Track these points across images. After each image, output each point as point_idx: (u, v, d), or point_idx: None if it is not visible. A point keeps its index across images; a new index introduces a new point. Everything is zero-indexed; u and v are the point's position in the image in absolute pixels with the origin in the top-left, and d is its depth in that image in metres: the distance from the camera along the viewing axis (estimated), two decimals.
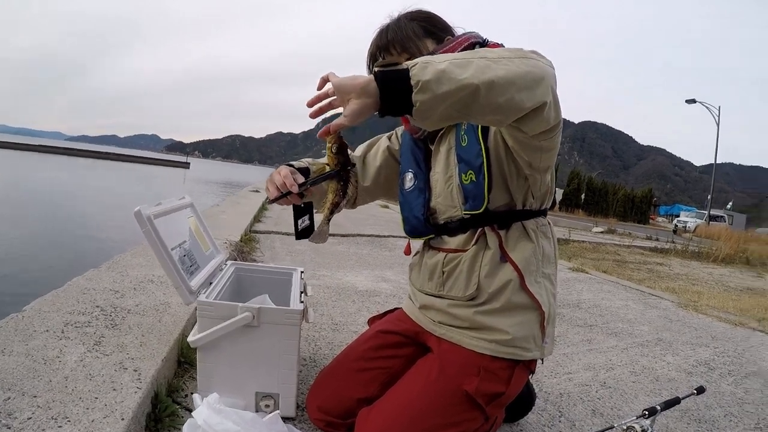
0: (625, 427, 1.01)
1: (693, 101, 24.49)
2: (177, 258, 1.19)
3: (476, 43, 1.02)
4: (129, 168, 39.66)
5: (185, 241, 1.30)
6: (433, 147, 1.12)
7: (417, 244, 1.22)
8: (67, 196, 13.98)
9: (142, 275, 1.94)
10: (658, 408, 1.05)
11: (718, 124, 24.04)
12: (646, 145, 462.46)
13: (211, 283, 1.29)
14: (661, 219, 47.28)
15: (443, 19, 1.10)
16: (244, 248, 3.34)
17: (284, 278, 1.49)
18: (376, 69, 0.75)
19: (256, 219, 5.07)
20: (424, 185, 1.12)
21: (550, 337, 1.05)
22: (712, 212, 26.62)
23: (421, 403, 0.98)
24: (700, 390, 1.17)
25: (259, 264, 1.84)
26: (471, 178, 1.01)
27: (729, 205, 46.95)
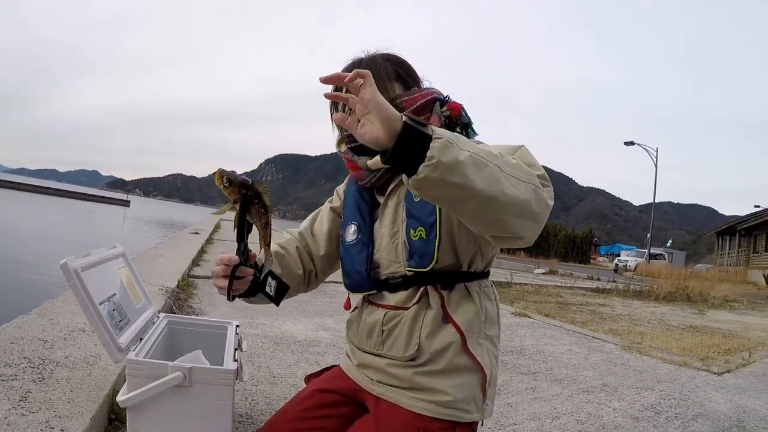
0: None
1: (631, 143, 25.28)
2: (105, 313, 1.13)
3: (437, 99, 1.04)
4: (68, 204, 37.56)
5: (115, 294, 1.25)
6: (382, 200, 1.09)
7: (356, 298, 1.19)
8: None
9: (73, 323, 1.83)
10: None
11: (656, 165, 25.11)
12: (586, 186, 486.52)
13: (142, 339, 1.23)
14: (602, 258, 49.23)
15: (414, 69, 1.12)
16: (181, 295, 3.20)
17: (219, 332, 1.45)
18: (405, 116, 0.72)
19: (195, 263, 4.90)
20: (368, 239, 1.09)
21: (491, 399, 1.04)
22: (652, 250, 27.42)
23: None
24: None
25: (193, 318, 1.79)
26: (420, 234, 0.99)
27: (668, 243, 49.42)
